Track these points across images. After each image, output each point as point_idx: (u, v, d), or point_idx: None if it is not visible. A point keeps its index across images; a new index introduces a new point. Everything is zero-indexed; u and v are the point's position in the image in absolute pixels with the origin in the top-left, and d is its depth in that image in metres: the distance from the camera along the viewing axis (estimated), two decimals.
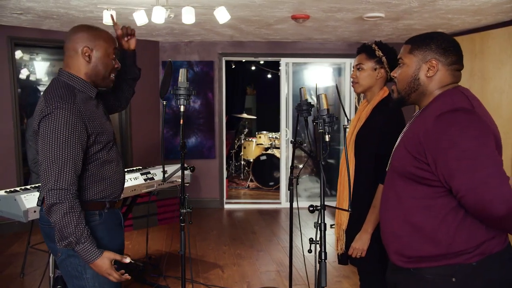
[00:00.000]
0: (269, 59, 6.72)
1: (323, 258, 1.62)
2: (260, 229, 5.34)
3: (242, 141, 8.19)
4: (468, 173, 1.35)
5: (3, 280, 3.73)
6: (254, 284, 3.73)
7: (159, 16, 3.41)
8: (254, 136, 8.39)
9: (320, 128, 1.75)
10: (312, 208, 1.68)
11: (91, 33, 1.82)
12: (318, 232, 1.67)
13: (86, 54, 1.81)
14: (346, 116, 1.87)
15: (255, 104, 10.90)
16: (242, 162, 8.26)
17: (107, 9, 3.62)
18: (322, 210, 1.67)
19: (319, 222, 1.66)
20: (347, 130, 2.02)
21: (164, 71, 1.86)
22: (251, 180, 7.65)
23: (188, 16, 3.47)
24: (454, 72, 1.56)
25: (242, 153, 8.19)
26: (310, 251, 1.69)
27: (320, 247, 1.64)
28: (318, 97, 1.81)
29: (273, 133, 7.90)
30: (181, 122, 1.92)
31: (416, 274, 1.50)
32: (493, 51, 4.64)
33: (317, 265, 1.67)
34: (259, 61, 9.21)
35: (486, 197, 1.32)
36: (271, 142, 7.76)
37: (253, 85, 10.83)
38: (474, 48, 4.86)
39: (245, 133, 8.38)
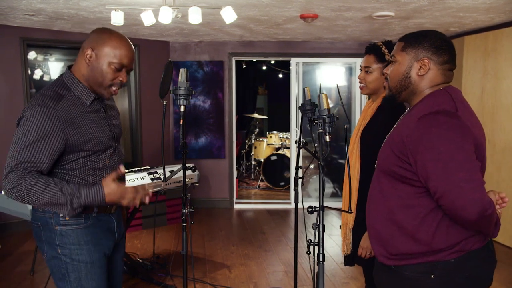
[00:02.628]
0: (279, 59, 6.70)
1: (321, 260, 1.60)
2: (269, 229, 5.32)
3: (253, 141, 8.18)
4: (442, 176, 1.37)
5: (14, 278, 3.79)
6: (261, 284, 3.71)
7: (166, 16, 3.42)
8: (265, 136, 8.38)
9: (320, 128, 1.74)
10: (310, 209, 1.66)
11: (101, 37, 1.76)
12: (317, 233, 1.65)
13: (87, 55, 1.75)
14: (347, 116, 1.84)
15: (266, 104, 10.88)
16: (253, 162, 8.25)
17: (115, 10, 3.64)
18: (321, 211, 1.65)
19: (318, 223, 1.64)
20: (348, 130, 2.00)
21: (163, 71, 1.86)
22: (262, 180, 7.64)
23: (195, 16, 3.47)
24: (445, 72, 1.56)
25: (252, 153, 8.18)
26: (308, 252, 1.68)
27: (319, 248, 1.62)
28: (318, 97, 1.80)
29: (284, 133, 7.86)
30: (181, 122, 1.91)
31: (397, 272, 1.54)
32: (507, 50, 4.55)
33: (316, 267, 1.66)
34: (270, 61, 9.19)
35: (458, 202, 1.35)
36: (282, 142, 7.73)
37: (265, 85, 10.81)
38: (487, 46, 4.78)
39: (256, 133, 8.37)
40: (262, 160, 7.58)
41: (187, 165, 2.13)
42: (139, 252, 4.38)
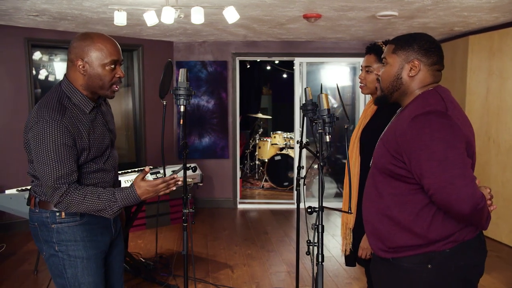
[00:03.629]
0: (283, 58, 6.69)
1: (320, 260, 1.60)
2: (272, 229, 5.32)
3: (257, 141, 8.17)
4: (436, 174, 1.43)
5: (18, 277, 3.81)
6: (263, 284, 3.71)
7: (169, 16, 3.42)
8: (269, 136, 8.37)
9: (320, 128, 1.73)
10: (310, 210, 1.66)
11: (85, 44, 1.78)
12: (316, 234, 1.64)
13: (80, 67, 1.79)
14: (347, 116, 1.83)
15: (270, 103, 10.88)
16: (257, 162, 8.24)
17: (118, 10, 3.65)
18: (320, 212, 1.64)
19: (317, 224, 1.63)
20: (347, 130, 1.99)
21: (163, 71, 1.86)
22: (266, 180, 7.63)
23: (197, 16, 3.48)
24: (435, 72, 1.63)
25: (257, 153, 8.17)
26: (308, 253, 1.67)
27: (318, 249, 1.61)
28: (318, 97, 1.79)
29: (288, 133, 7.85)
30: (181, 122, 1.91)
31: (395, 264, 1.59)
32: None
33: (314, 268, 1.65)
34: (274, 61, 9.17)
35: (452, 197, 1.41)
36: (286, 142, 7.72)
37: (269, 85, 10.80)
38: (492, 46, 4.74)
39: (260, 133, 8.36)
40: (266, 160, 7.57)
41: (188, 165, 2.13)
42: (142, 251, 4.38)
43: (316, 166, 7.19)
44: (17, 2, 3.85)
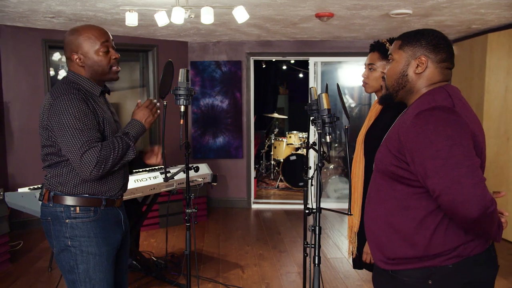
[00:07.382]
0: (297, 58, 6.64)
1: (316, 262, 1.57)
2: (285, 230, 5.29)
3: (273, 140, 8.15)
4: (441, 173, 1.31)
5: (33, 273, 3.88)
6: (273, 285, 3.69)
7: (179, 16, 3.44)
8: (285, 136, 8.34)
9: (319, 128, 1.71)
10: (308, 211, 1.64)
11: (74, 38, 1.88)
12: (313, 236, 1.62)
13: (77, 60, 1.88)
14: (348, 117, 1.80)
15: (287, 103, 10.84)
16: (272, 162, 8.22)
17: (130, 11, 3.69)
18: (318, 213, 1.62)
19: (314, 225, 1.61)
20: (348, 130, 1.95)
21: (163, 71, 1.86)
22: (281, 180, 7.61)
23: (207, 17, 3.48)
24: (443, 70, 1.52)
25: (272, 152, 8.15)
26: (306, 254, 1.65)
27: (315, 251, 1.59)
28: (318, 96, 1.77)
29: (304, 133, 7.80)
30: (181, 122, 1.92)
31: (395, 276, 1.49)
32: None
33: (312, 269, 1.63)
34: (289, 61, 9.13)
35: (458, 198, 1.29)
36: (301, 142, 7.67)
37: (286, 85, 10.76)
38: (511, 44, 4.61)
39: (275, 132, 8.33)
40: (282, 160, 7.54)
41: (190, 165, 2.13)
42: (154, 250, 4.42)
43: (331, 167, 7.14)
44: (33, 4, 3.93)
